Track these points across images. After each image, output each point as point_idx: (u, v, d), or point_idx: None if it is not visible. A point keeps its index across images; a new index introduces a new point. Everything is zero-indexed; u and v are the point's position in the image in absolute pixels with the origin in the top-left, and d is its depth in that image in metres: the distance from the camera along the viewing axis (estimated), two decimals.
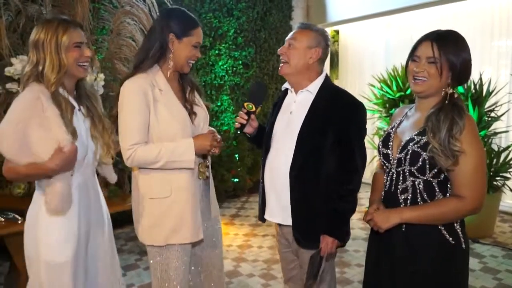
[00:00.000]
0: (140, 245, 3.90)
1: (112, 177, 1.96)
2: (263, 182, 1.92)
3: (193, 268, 1.97)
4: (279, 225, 1.94)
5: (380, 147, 1.60)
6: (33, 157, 1.56)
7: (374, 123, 5.14)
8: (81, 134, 1.67)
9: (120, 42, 3.06)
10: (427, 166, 1.41)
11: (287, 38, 1.83)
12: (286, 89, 1.92)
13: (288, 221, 1.83)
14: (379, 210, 1.53)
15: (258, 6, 5.33)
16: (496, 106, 4.01)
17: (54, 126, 1.56)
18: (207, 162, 1.88)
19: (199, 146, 1.72)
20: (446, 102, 1.41)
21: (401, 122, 1.60)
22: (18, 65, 2.49)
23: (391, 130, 1.59)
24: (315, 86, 1.81)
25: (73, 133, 1.60)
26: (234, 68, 5.24)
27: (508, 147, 3.97)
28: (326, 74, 1.87)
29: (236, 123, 1.90)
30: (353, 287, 3.05)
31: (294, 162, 1.77)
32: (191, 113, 1.82)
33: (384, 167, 1.61)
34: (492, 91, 3.99)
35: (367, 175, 5.59)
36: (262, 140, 1.97)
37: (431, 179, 1.44)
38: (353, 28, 6.22)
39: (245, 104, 1.86)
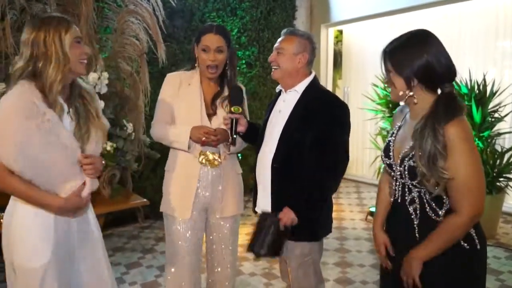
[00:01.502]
0: (143, 243, 3.92)
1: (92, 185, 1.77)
2: (255, 177, 2.02)
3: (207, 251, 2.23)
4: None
5: (383, 157, 1.59)
6: (33, 162, 1.48)
7: (377, 123, 5.13)
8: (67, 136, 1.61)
9: (124, 41, 3.07)
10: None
11: (275, 46, 1.94)
12: (280, 90, 2.02)
13: (269, 209, 1.93)
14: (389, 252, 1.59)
15: (261, 6, 5.33)
16: (500, 107, 4.00)
17: (57, 128, 1.52)
18: (213, 153, 2.05)
19: (194, 133, 1.96)
20: (429, 115, 1.38)
21: (399, 128, 1.58)
22: None
23: (390, 138, 1.58)
24: (302, 86, 1.92)
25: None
26: (238, 68, 5.23)
27: (507, 151, 3.96)
28: (315, 75, 1.98)
29: (226, 127, 2.01)
30: (355, 287, 3.05)
31: (275, 156, 1.88)
32: (214, 114, 2.07)
33: (391, 175, 1.60)
34: (496, 92, 3.97)
35: (370, 175, 5.62)
36: (255, 136, 2.09)
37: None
38: (357, 28, 6.21)
39: (233, 109, 1.99)
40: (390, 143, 1.56)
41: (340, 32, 6.56)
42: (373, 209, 4.52)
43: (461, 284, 1.44)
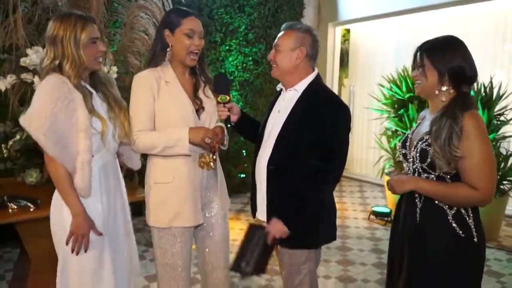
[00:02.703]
0: (147, 236, 3.96)
1: (135, 163, 2.01)
2: (253, 180, 1.96)
3: (199, 257, 2.10)
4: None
5: (399, 147, 1.73)
6: (62, 143, 1.61)
7: (382, 123, 5.14)
8: (103, 116, 1.75)
9: (133, 36, 3.09)
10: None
11: (274, 43, 1.86)
12: (281, 89, 1.95)
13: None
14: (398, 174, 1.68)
15: (269, 3, 5.34)
16: (506, 110, 3.99)
17: (78, 108, 1.63)
18: (211, 155, 1.93)
19: (193, 135, 1.78)
20: (449, 105, 1.52)
21: (419, 124, 1.72)
22: (33, 56, 2.53)
23: (409, 132, 1.73)
24: (302, 85, 1.83)
25: (94, 114, 1.69)
26: (244, 64, 5.26)
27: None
28: (318, 74, 1.88)
29: (221, 117, 1.91)
30: (357, 286, 3.07)
31: (271, 157, 1.80)
32: (200, 108, 1.90)
33: (404, 165, 1.72)
34: (503, 95, 3.97)
35: (374, 175, 5.64)
36: (251, 130, 2.03)
37: (443, 175, 1.53)
38: (364, 27, 6.21)
39: (219, 98, 1.87)
40: (409, 136, 1.71)
41: (348, 31, 6.56)
42: (375, 209, 4.54)
43: (455, 273, 1.52)
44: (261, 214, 1.91)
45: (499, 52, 4.77)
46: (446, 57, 1.53)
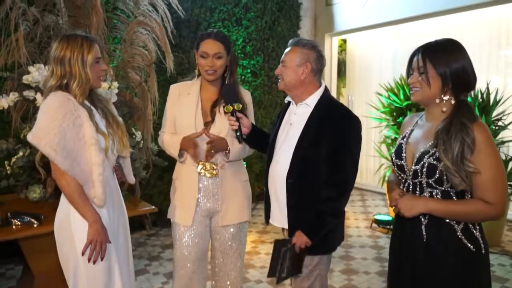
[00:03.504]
0: (149, 250, 3.95)
1: (131, 178, 2.06)
2: (267, 189, 2.02)
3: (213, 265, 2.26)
4: (283, 229, 2.01)
5: (394, 158, 1.62)
6: (71, 156, 1.66)
7: (381, 132, 5.17)
8: (103, 131, 1.81)
9: (133, 51, 3.13)
10: (445, 177, 1.43)
11: (281, 58, 1.93)
12: (289, 102, 2.01)
13: (285, 224, 1.93)
14: (404, 196, 1.53)
15: (266, 16, 5.41)
16: (503, 115, 4.03)
17: (85, 123, 1.69)
18: (211, 163, 2.07)
19: (182, 145, 2.03)
20: (454, 115, 1.43)
21: (411, 131, 1.61)
22: (35, 73, 2.56)
23: (402, 141, 1.61)
24: (313, 100, 1.90)
25: (98, 131, 1.76)
26: (243, 77, 5.30)
27: None
28: (326, 87, 1.96)
29: (233, 128, 2.00)
30: None
31: (290, 171, 1.86)
32: (211, 121, 2.08)
33: (399, 177, 1.63)
34: (500, 100, 4.01)
35: (375, 183, 5.65)
36: (261, 142, 2.11)
37: (449, 189, 1.46)
38: (361, 37, 6.28)
39: (225, 109, 1.98)
40: (403, 145, 1.60)
41: (344, 41, 6.63)
42: (377, 217, 4.54)
43: (467, 284, 1.46)
44: (277, 221, 1.98)
45: (494, 59, 4.82)
46: (449, 60, 1.44)
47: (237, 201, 2.15)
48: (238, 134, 1.98)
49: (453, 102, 1.47)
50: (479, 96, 3.96)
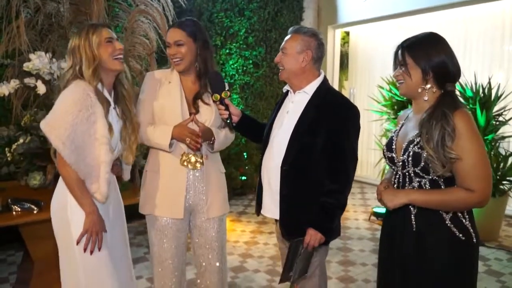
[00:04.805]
0: (148, 238, 3.98)
1: (127, 175, 2.05)
2: (260, 178, 2.00)
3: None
4: (276, 221, 2.00)
5: (385, 151, 1.66)
6: (78, 151, 1.66)
7: (382, 125, 5.17)
8: (116, 131, 1.81)
9: (134, 40, 3.13)
10: (430, 165, 1.45)
11: (281, 46, 1.92)
12: (287, 91, 2.00)
13: (278, 215, 1.91)
14: (388, 188, 1.59)
15: (269, 7, 5.39)
16: (504, 110, 4.02)
17: (98, 121, 1.69)
18: (195, 155, 2.00)
19: (176, 134, 1.92)
20: (436, 105, 1.47)
21: (402, 125, 1.66)
22: (36, 61, 2.57)
23: (393, 134, 1.66)
24: (311, 88, 1.88)
25: (110, 128, 1.74)
26: (245, 68, 5.30)
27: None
28: (325, 76, 1.94)
29: (223, 116, 1.98)
30: (358, 286, 3.09)
31: (285, 158, 1.84)
32: (196, 112, 2.01)
33: (392, 169, 1.66)
34: (501, 96, 4.00)
35: (375, 176, 5.66)
36: (251, 129, 2.10)
37: (436, 178, 1.48)
38: (364, 30, 6.25)
39: (213, 97, 1.96)
40: (393, 138, 1.64)
41: (347, 33, 6.60)
42: (376, 210, 4.56)
43: (460, 277, 1.49)
44: (269, 212, 1.96)
45: (497, 53, 4.79)
46: (428, 53, 1.49)
47: (219, 193, 2.10)
48: (228, 121, 1.97)
49: (434, 91, 1.50)
50: (481, 91, 3.95)
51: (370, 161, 6.25)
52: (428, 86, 1.50)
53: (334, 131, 1.79)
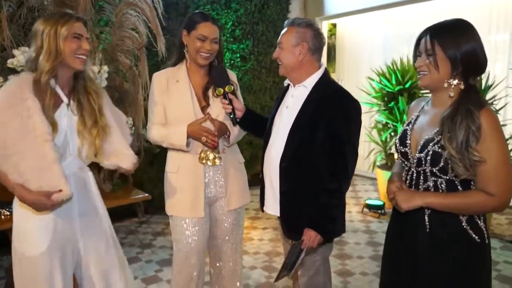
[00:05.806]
0: (141, 238, 3.90)
1: (129, 161, 1.83)
2: (262, 175, 1.96)
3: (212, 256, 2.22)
4: (278, 217, 1.96)
5: (398, 145, 1.56)
6: (4, 148, 1.50)
7: (372, 117, 5.16)
8: (63, 129, 1.63)
9: (122, 34, 3.01)
10: (449, 166, 1.37)
11: (277, 40, 1.88)
12: (288, 84, 1.94)
13: (279, 212, 1.88)
14: (402, 188, 1.50)
15: None
16: (494, 100, 4.05)
17: (34, 115, 1.51)
18: (213, 151, 2.01)
19: (192, 133, 1.92)
20: (460, 101, 1.37)
21: (417, 117, 1.55)
22: (20, 57, 2.44)
23: (407, 127, 1.55)
24: (311, 81, 1.83)
25: (54, 126, 1.57)
26: (232, 61, 5.21)
27: (506, 140, 4.01)
28: (325, 69, 1.88)
29: (226, 111, 1.98)
30: (355, 279, 3.08)
31: (284, 154, 1.80)
32: (206, 105, 2.02)
33: (403, 165, 1.58)
34: (491, 85, 4.02)
35: (365, 168, 5.67)
36: (255, 124, 2.06)
37: (453, 178, 1.41)
38: (351, 22, 6.23)
39: (216, 91, 1.96)
40: (408, 132, 1.53)
41: (334, 25, 6.57)
42: (368, 202, 4.56)
43: (473, 276, 1.44)
44: (271, 209, 1.92)
45: (485, 43, 4.76)
46: (457, 40, 1.36)
47: (238, 184, 2.12)
48: (232, 116, 1.95)
49: (462, 87, 1.40)
50: None
51: (360, 154, 6.19)
52: (456, 82, 1.40)
53: (334, 126, 1.73)
